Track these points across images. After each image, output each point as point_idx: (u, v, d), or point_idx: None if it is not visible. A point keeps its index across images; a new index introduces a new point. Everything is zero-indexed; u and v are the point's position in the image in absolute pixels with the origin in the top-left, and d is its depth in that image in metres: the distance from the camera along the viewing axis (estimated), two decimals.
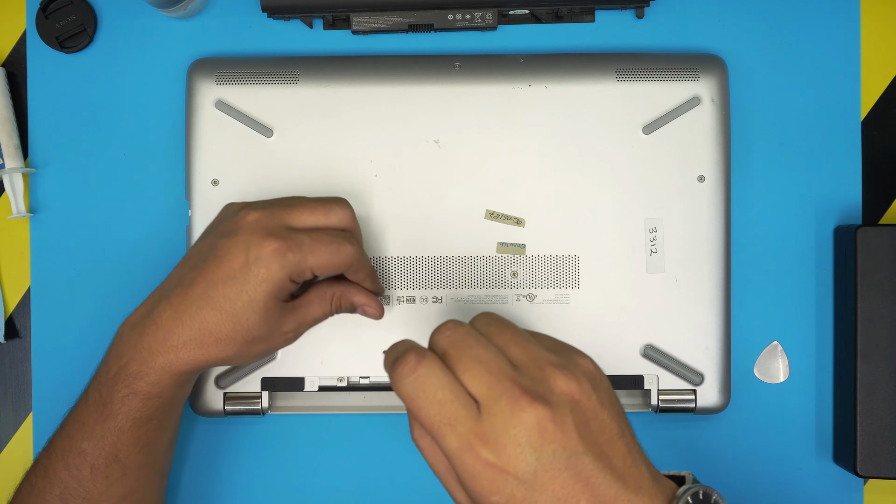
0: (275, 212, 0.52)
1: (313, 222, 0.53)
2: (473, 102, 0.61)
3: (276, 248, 0.50)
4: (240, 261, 0.50)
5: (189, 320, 0.51)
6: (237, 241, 0.51)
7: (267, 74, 0.61)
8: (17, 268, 0.65)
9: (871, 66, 0.65)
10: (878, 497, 0.64)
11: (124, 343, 0.52)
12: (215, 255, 0.51)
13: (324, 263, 0.52)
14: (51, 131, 0.65)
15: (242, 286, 0.50)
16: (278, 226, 0.52)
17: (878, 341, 0.61)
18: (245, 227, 0.52)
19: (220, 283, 0.51)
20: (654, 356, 0.61)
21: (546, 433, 0.40)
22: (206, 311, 0.51)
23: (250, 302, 0.51)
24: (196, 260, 0.52)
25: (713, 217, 0.61)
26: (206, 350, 0.51)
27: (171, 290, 0.52)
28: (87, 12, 0.64)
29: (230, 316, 0.51)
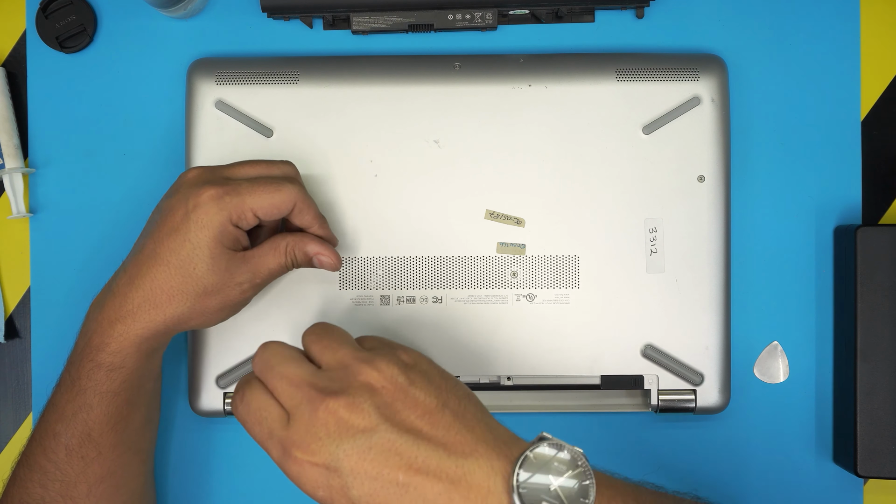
0: (215, 168, 0.54)
1: (255, 173, 0.54)
2: (473, 102, 0.61)
3: (213, 193, 0.52)
4: (181, 212, 0.52)
5: (141, 282, 0.52)
6: (179, 196, 0.52)
7: (267, 74, 0.61)
8: (17, 268, 0.65)
9: (871, 66, 0.65)
10: (878, 497, 0.64)
11: (90, 319, 0.54)
12: (161, 215, 0.53)
13: (264, 204, 0.53)
14: (51, 131, 0.65)
15: (185, 235, 0.52)
16: (217, 177, 0.53)
17: (878, 341, 0.61)
18: (185, 182, 0.53)
19: (164, 238, 0.52)
20: (654, 356, 0.61)
21: (342, 422, 0.43)
22: (155, 268, 0.52)
23: (194, 249, 0.52)
24: (147, 227, 0.54)
25: (713, 217, 0.61)
26: (161, 309, 0.52)
27: (127, 260, 0.54)
28: (87, 12, 0.64)
29: (177, 268, 0.52)
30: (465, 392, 0.47)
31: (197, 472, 0.64)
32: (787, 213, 0.64)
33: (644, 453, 0.64)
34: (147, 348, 0.53)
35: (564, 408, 0.63)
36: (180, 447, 0.64)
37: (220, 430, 0.64)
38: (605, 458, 0.64)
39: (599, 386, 0.61)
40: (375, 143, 0.61)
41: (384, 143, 0.61)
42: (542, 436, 0.45)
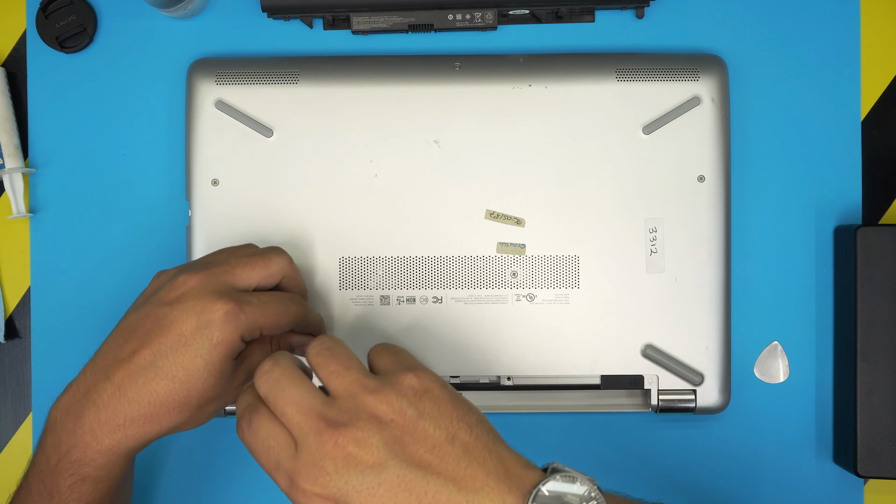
0: (217, 273, 0.51)
1: (257, 279, 0.52)
2: (473, 102, 0.61)
3: (228, 310, 0.49)
4: (190, 326, 0.49)
5: (136, 395, 0.48)
6: (185, 307, 0.49)
7: (267, 74, 0.61)
8: (17, 268, 0.65)
9: (871, 66, 0.65)
10: (878, 497, 0.64)
11: (61, 429, 0.49)
12: (160, 325, 0.49)
13: (273, 323, 0.51)
14: (51, 131, 0.65)
15: (196, 351, 0.49)
16: (224, 287, 0.51)
17: (878, 341, 0.61)
18: (190, 292, 0.50)
19: (169, 352, 0.49)
20: (654, 356, 0.61)
21: (350, 458, 0.43)
22: (156, 382, 0.49)
23: (206, 365, 0.49)
24: (133, 332, 0.50)
25: (713, 217, 0.61)
26: (157, 422, 0.49)
27: (108, 367, 0.49)
28: (87, 12, 0.64)
29: (183, 383, 0.49)
30: (477, 419, 0.46)
31: (196, 472, 0.64)
32: (787, 213, 0.64)
33: (644, 453, 0.64)
34: (134, 455, 0.51)
35: (564, 408, 0.62)
36: (180, 447, 0.64)
37: (220, 430, 0.64)
38: (605, 458, 0.64)
39: (599, 386, 0.61)
40: (375, 143, 0.61)
41: (384, 143, 0.61)
42: (555, 466, 0.44)
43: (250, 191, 0.61)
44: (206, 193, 0.61)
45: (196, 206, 0.61)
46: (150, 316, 0.50)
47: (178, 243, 0.64)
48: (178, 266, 0.54)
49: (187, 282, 0.50)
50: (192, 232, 0.61)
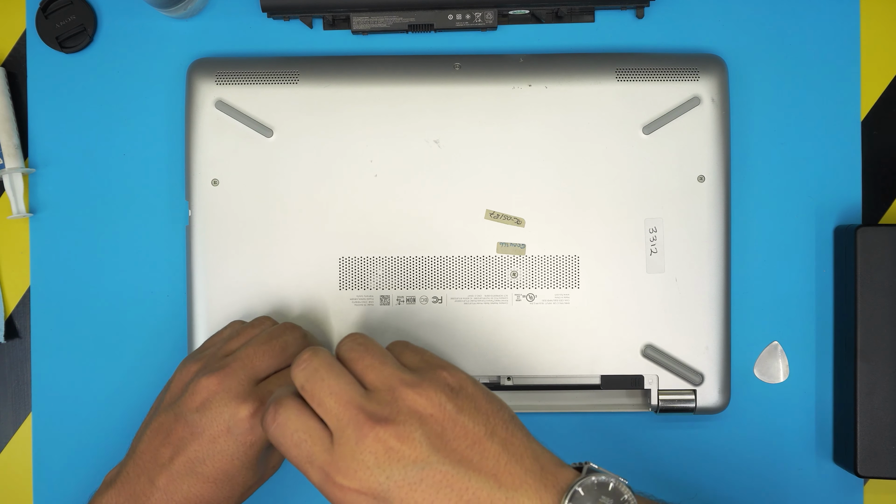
0: (236, 371, 0.51)
1: (275, 366, 0.53)
2: (473, 102, 0.61)
3: (254, 411, 0.50)
4: (220, 432, 0.50)
5: (182, 499, 0.50)
6: (212, 415, 0.50)
7: (267, 74, 0.61)
8: (17, 268, 0.65)
9: (871, 66, 0.65)
10: (878, 497, 0.64)
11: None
12: (192, 432, 0.50)
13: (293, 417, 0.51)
14: (51, 131, 0.65)
15: (232, 454, 0.50)
16: (246, 386, 0.51)
17: (878, 341, 0.61)
18: (214, 398, 0.50)
19: (206, 459, 0.50)
20: (654, 356, 0.61)
21: (392, 452, 0.42)
22: (199, 486, 0.50)
23: (243, 465, 0.50)
24: (167, 436, 0.51)
25: (713, 217, 0.61)
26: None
27: (151, 470, 0.50)
28: (87, 12, 0.64)
29: (225, 483, 0.50)
30: (510, 415, 0.46)
31: None
32: (787, 213, 0.64)
33: (644, 453, 0.64)
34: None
35: (564, 408, 0.63)
36: None
37: None
38: (606, 459, 0.64)
39: (599, 386, 0.61)
40: (375, 143, 0.61)
41: (384, 143, 0.61)
42: (590, 466, 0.44)
43: (250, 191, 0.61)
44: (206, 193, 0.61)
45: (196, 206, 0.61)
46: (180, 422, 0.50)
47: (178, 243, 0.64)
48: (193, 356, 0.54)
49: (208, 386, 0.51)
50: (192, 232, 0.61)
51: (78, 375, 0.64)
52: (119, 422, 0.64)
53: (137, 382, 0.64)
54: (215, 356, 0.53)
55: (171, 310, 0.64)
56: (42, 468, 0.64)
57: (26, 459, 0.65)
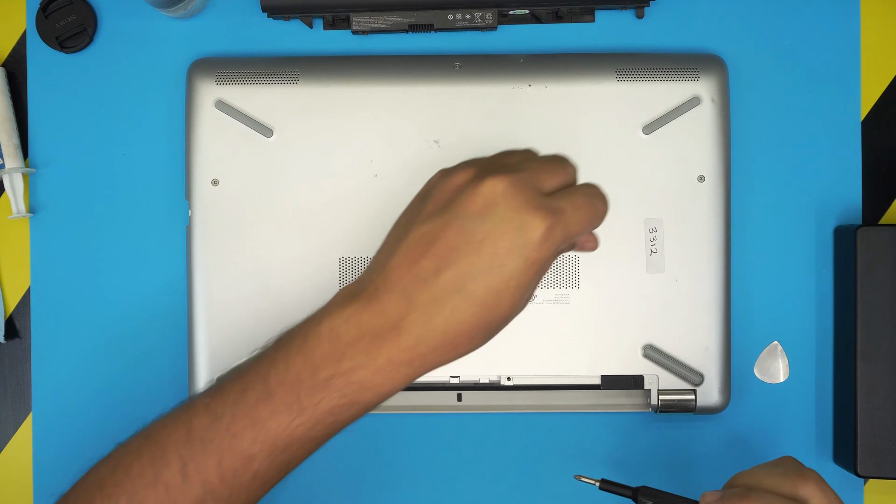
0: (525, 179, 0.44)
1: (559, 183, 0.46)
2: (473, 102, 0.61)
3: (548, 226, 0.42)
4: (506, 244, 0.42)
5: (442, 323, 0.42)
6: (499, 220, 0.42)
7: (267, 74, 0.61)
8: (17, 268, 0.65)
9: (871, 66, 0.65)
10: (878, 497, 0.64)
11: (348, 345, 0.43)
12: (469, 241, 0.42)
13: (585, 231, 0.45)
14: (51, 131, 0.65)
15: (511, 273, 0.42)
16: (536, 196, 0.43)
17: (878, 341, 0.61)
18: (502, 202, 0.43)
19: (481, 274, 0.42)
20: (654, 356, 0.61)
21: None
22: (464, 308, 0.42)
23: (517, 287, 0.43)
24: (430, 246, 0.43)
25: (713, 217, 0.61)
26: (454, 351, 0.43)
27: (408, 287, 0.43)
28: (87, 12, 0.64)
29: (492, 309, 0.43)
30: None
31: None
32: (787, 213, 0.64)
33: (644, 453, 0.64)
34: None
35: (564, 408, 0.62)
36: None
37: None
38: (605, 458, 0.64)
39: (599, 386, 0.61)
40: (375, 143, 0.61)
41: (384, 143, 0.61)
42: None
43: (250, 191, 0.61)
44: (206, 193, 0.61)
45: (196, 206, 0.61)
46: (453, 229, 0.43)
47: (178, 243, 0.64)
48: (464, 164, 0.46)
49: (496, 188, 0.43)
50: (192, 232, 0.61)
51: (78, 375, 0.64)
52: (119, 422, 0.64)
53: (137, 382, 0.64)
54: (491, 165, 0.46)
55: (171, 310, 0.64)
56: (42, 468, 0.64)
57: (26, 459, 0.65)
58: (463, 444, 0.64)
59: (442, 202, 0.45)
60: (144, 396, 0.64)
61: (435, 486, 0.64)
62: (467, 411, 0.63)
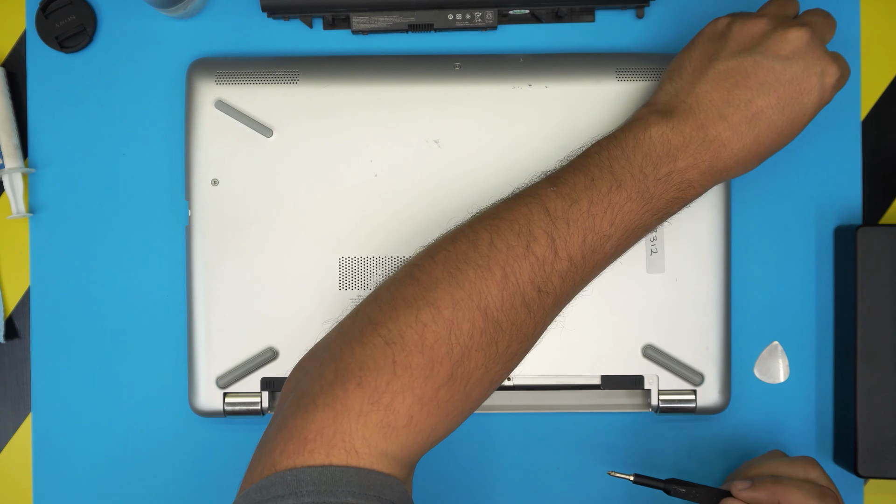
0: (821, 34, 0.53)
1: (831, 39, 0.54)
2: (473, 102, 0.61)
3: (841, 74, 0.52)
4: (810, 86, 0.51)
5: (749, 142, 0.51)
6: (807, 64, 0.51)
7: (267, 74, 0.61)
8: (17, 268, 0.65)
9: (871, 66, 0.65)
10: (878, 497, 0.64)
11: (677, 148, 0.50)
12: (779, 79, 0.51)
13: (842, 86, 0.54)
14: (51, 131, 0.65)
15: (806, 110, 0.51)
16: (826, 48, 0.52)
17: (878, 341, 0.61)
18: (807, 49, 0.51)
19: (786, 107, 0.51)
20: (654, 356, 0.61)
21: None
22: (766, 134, 0.51)
23: (804, 124, 0.52)
24: (741, 79, 0.51)
25: (713, 217, 0.61)
26: (745, 168, 0.52)
27: (721, 109, 0.51)
28: (86, 12, 0.64)
29: (784, 138, 0.52)
30: None
31: (196, 472, 0.64)
32: (787, 213, 0.64)
33: (644, 453, 0.64)
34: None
35: (564, 408, 0.62)
36: (179, 447, 0.64)
37: (220, 430, 0.64)
38: (606, 458, 0.64)
39: (599, 386, 0.61)
40: (375, 143, 0.61)
41: (384, 143, 0.61)
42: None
43: (250, 191, 0.61)
44: (206, 193, 0.61)
45: (196, 206, 0.61)
46: (764, 68, 0.51)
47: (178, 243, 0.64)
48: (750, 15, 0.54)
49: (801, 37, 0.51)
50: (192, 232, 0.61)
51: (78, 375, 0.64)
52: (119, 422, 0.64)
53: (137, 382, 0.64)
54: (780, 16, 0.54)
55: (171, 310, 0.64)
56: (42, 468, 0.64)
57: (26, 459, 0.65)
58: (463, 444, 0.64)
59: (745, 44, 0.52)
60: (144, 396, 0.64)
61: (435, 486, 0.64)
62: None
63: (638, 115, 0.53)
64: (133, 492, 0.64)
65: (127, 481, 0.64)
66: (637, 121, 0.52)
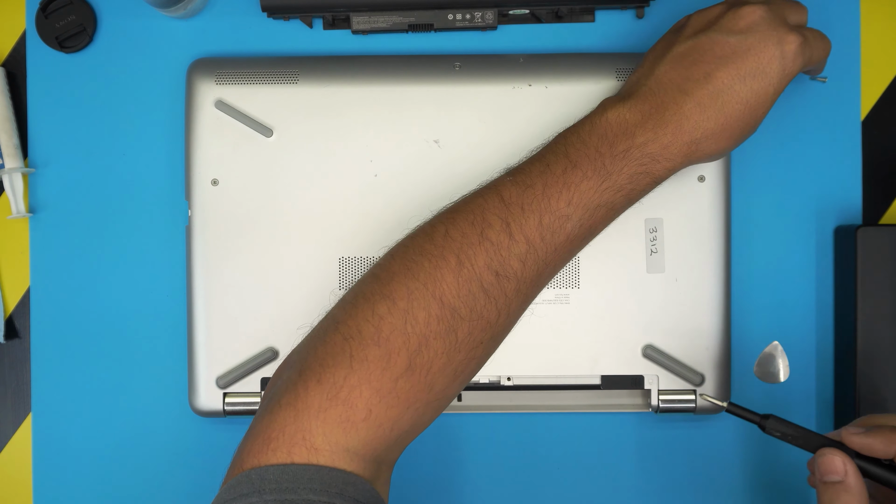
0: (778, 8, 0.53)
1: (798, 21, 0.54)
2: (473, 102, 0.61)
3: (801, 42, 0.51)
4: (769, 55, 0.51)
5: (714, 114, 0.50)
6: (762, 36, 0.51)
7: (267, 74, 0.61)
8: (17, 268, 0.65)
9: (871, 66, 0.65)
10: None
11: (635, 125, 0.50)
12: (736, 52, 0.51)
13: (819, 59, 0.54)
14: (51, 131, 0.65)
15: (770, 80, 0.51)
16: (789, 22, 0.53)
17: (878, 341, 0.61)
18: (761, 22, 0.51)
19: (747, 78, 0.50)
20: (654, 356, 0.61)
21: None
22: (731, 105, 0.51)
23: (772, 95, 0.51)
24: (701, 56, 0.51)
25: (713, 217, 0.61)
26: (717, 144, 0.51)
27: (682, 85, 0.51)
28: (86, 12, 0.64)
29: (752, 110, 0.51)
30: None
31: (196, 473, 0.64)
32: (787, 213, 0.64)
33: (644, 453, 0.64)
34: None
35: (564, 408, 0.63)
36: (179, 447, 0.64)
37: (220, 430, 0.64)
38: (606, 458, 0.64)
39: (599, 386, 0.61)
40: (375, 143, 0.61)
41: (384, 143, 0.61)
42: None
43: (250, 191, 0.61)
44: (206, 193, 0.61)
45: (196, 206, 0.61)
46: (720, 43, 0.51)
47: (178, 243, 0.64)
48: (718, 5, 0.54)
49: (755, 11, 0.52)
50: (192, 232, 0.61)
51: (78, 375, 0.64)
52: (119, 421, 0.64)
53: (137, 382, 0.64)
54: (738, 2, 0.54)
55: (171, 310, 0.64)
56: (42, 468, 0.64)
57: (26, 459, 0.65)
58: (463, 444, 0.64)
59: (702, 26, 0.53)
60: (144, 396, 0.64)
61: (435, 486, 0.64)
62: (467, 411, 0.63)
63: (598, 105, 0.53)
64: (133, 492, 0.64)
65: (127, 481, 0.64)
66: (596, 108, 0.52)
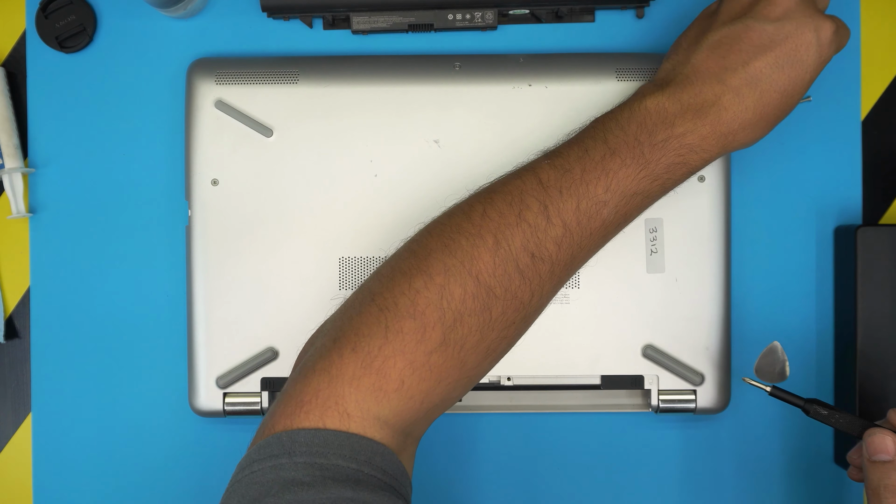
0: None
1: (825, 6, 0.54)
2: (473, 102, 0.61)
3: (835, 29, 0.51)
4: (806, 43, 0.51)
5: (752, 103, 0.50)
6: (799, 23, 0.51)
7: (267, 74, 0.61)
8: (17, 268, 0.65)
9: (871, 66, 0.65)
10: None
11: (674, 115, 0.50)
12: (773, 39, 0.51)
13: (844, 44, 0.53)
14: (51, 131, 0.65)
15: (806, 67, 0.51)
16: (817, 8, 0.52)
17: (878, 341, 0.61)
18: (796, 9, 0.51)
19: (785, 66, 0.50)
20: (654, 356, 0.61)
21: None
22: (769, 94, 0.51)
23: (808, 82, 0.51)
24: (735, 44, 0.51)
25: (713, 217, 0.61)
26: (754, 133, 0.52)
27: (719, 73, 0.51)
28: (86, 12, 0.64)
29: (789, 96, 0.51)
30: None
31: (196, 473, 0.64)
32: (787, 214, 0.64)
33: (644, 453, 0.64)
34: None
35: (564, 408, 0.63)
36: (179, 447, 0.64)
37: (220, 430, 0.64)
38: (605, 458, 0.64)
39: (599, 386, 0.61)
40: (375, 143, 0.61)
41: (384, 143, 0.61)
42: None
43: (250, 191, 0.61)
44: (206, 193, 0.61)
45: (196, 206, 0.61)
46: (756, 30, 0.51)
47: (178, 243, 0.64)
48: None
49: (787, 1, 0.51)
50: (192, 232, 0.61)
51: (78, 375, 0.64)
52: (119, 421, 0.64)
53: (137, 382, 0.64)
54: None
55: (171, 310, 0.64)
56: (42, 468, 0.64)
57: (26, 459, 0.65)
58: (463, 444, 0.64)
59: (736, 12, 0.53)
60: (144, 397, 0.64)
61: (435, 486, 0.64)
62: (468, 411, 0.63)
63: (635, 92, 0.53)
64: (133, 492, 0.64)
65: (127, 481, 0.64)
66: (633, 95, 0.53)
